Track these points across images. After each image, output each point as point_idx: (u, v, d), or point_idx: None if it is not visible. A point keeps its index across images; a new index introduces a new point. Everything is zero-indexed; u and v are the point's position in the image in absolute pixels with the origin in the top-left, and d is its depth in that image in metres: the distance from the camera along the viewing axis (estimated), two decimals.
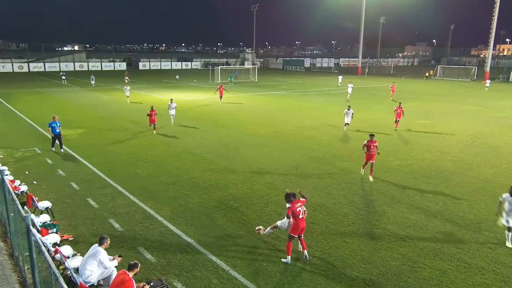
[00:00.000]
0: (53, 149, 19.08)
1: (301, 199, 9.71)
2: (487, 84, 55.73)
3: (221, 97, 37.88)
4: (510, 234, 10.39)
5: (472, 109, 35.09)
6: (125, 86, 38.62)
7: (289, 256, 9.41)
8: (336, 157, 18.71)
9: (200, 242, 10.33)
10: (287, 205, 9.59)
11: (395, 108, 25.45)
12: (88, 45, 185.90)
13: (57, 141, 19.00)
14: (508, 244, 10.36)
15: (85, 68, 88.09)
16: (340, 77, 59.79)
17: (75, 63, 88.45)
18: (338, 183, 15.01)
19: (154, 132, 23.37)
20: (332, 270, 9.15)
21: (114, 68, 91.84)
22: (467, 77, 71.66)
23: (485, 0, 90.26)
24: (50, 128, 18.74)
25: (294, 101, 39.88)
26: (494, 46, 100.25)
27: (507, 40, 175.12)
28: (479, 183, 15.31)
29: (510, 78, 68.77)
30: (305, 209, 9.61)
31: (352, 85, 42.58)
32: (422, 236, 10.89)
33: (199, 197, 13.51)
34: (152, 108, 23.53)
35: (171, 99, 26.41)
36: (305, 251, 9.67)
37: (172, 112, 25.88)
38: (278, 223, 9.92)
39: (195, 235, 10.72)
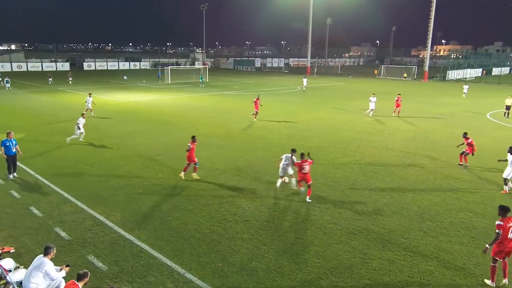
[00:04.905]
0: (11, 176, 15.23)
1: (308, 159, 13.31)
2: (465, 90, 44.70)
3: (256, 113, 28.46)
4: None
5: (413, 106, 37.06)
6: (87, 98, 29.74)
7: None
8: None
9: (154, 247, 10.10)
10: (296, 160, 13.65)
11: None
12: (26, 44, 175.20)
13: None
14: None
15: (24, 69, 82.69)
16: (305, 80, 52.53)
17: (12, 64, 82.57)
18: None
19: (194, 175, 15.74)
20: (287, 267, 9.31)
21: (57, 68, 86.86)
22: (408, 76, 75.86)
23: (423, 3, 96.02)
24: (3, 148, 15.03)
25: (246, 101, 39.94)
26: (432, 47, 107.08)
27: (443, 41, 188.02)
28: (422, 176, 16.26)
29: (446, 77, 73.57)
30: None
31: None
32: (371, 228, 11.37)
33: (152, 200, 13.19)
34: (193, 139, 15.75)
35: (83, 114, 21.81)
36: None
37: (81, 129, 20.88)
38: (285, 174, 14.13)
39: (149, 240, 10.46)
